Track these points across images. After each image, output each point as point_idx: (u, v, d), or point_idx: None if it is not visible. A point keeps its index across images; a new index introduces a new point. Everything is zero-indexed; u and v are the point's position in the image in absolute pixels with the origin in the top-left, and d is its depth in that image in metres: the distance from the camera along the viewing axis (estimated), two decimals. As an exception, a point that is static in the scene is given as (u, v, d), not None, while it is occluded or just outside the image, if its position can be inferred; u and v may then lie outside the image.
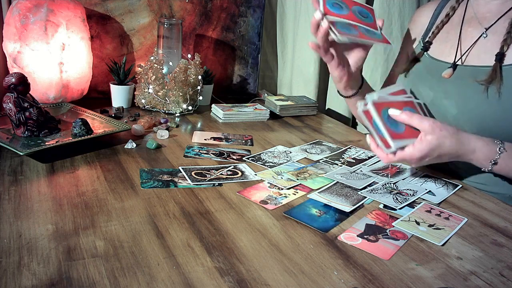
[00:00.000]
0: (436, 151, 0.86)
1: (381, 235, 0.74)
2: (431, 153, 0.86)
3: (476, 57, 1.01)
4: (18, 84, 1.03)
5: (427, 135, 0.85)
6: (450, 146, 0.86)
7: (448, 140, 0.86)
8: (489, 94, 0.94)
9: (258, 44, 1.67)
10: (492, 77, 0.94)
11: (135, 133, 1.16)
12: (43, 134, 1.07)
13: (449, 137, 0.86)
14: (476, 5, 1.06)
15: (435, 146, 0.85)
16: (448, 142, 0.86)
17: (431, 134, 0.85)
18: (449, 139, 0.86)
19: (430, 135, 0.85)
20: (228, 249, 0.68)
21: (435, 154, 0.86)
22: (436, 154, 0.86)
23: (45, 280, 0.58)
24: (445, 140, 0.85)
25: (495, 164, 0.88)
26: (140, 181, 0.89)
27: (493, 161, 0.88)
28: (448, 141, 0.86)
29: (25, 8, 1.23)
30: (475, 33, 1.04)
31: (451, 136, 0.86)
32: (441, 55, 1.07)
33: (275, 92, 1.87)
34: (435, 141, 0.85)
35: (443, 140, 0.85)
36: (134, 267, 0.62)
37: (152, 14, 1.51)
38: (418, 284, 0.62)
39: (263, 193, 0.87)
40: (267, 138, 1.22)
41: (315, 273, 0.63)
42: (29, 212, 0.75)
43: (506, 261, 0.69)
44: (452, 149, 0.87)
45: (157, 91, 1.36)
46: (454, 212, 0.83)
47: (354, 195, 0.88)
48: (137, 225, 0.73)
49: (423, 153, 0.85)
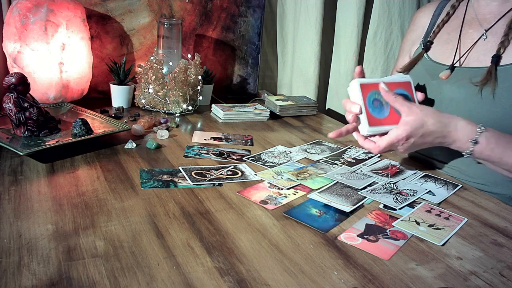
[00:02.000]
0: (419, 129, 0.88)
1: (381, 235, 0.74)
2: (415, 132, 0.88)
3: (475, 59, 1.01)
4: (18, 84, 1.03)
5: (408, 116, 0.88)
6: (432, 124, 0.88)
7: (429, 117, 0.88)
8: (483, 96, 0.95)
9: (258, 44, 1.67)
10: (486, 78, 0.94)
11: (135, 133, 1.16)
12: (43, 134, 1.07)
13: (430, 115, 0.89)
14: (477, 6, 1.06)
15: (418, 124, 0.88)
16: (430, 119, 0.88)
17: (411, 115, 0.88)
18: (430, 117, 0.89)
19: (410, 116, 0.88)
20: (228, 249, 0.68)
21: (419, 133, 0.88)
22: (421, 133, 0.88)
23: (45, 280, 0.58)
24: (426, 119, 0.88)
25: (476, 143, 0.89)
26: (140, 181, 0.89)
27: (474, 140, 0.89)
28: (430, 119, 0.88)
29: (25, 8, 1.23)
30: (475, 35, 1.04)
31: (432, 114, 0.89)
32: (441, 57, 1.07)
33: (275, 92, 1.87)
34: (417, 120, 0.88)
35: (425, 119, 0.88)
36: (134, 267, 0.62)
37: (152, 14, 1.51)
38: (418, 284, 0.62)
39: (263, 193, 0.87)
40: (267, 138, 1.22)
41: (315, 273, 0.63)
42: (29, 212, 0.75)
43: (506, 261, 0.69)
44: (435, 127, 0.89)
45: (157, 91, 1.36)
46: (454, 212, 0.83)
47: (354, 195, 0.88)
48: (137, 225, 0.73)
49: (407, 132, 0.88)
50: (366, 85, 0.92)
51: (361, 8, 1.65)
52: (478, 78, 0.96)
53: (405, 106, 0.89)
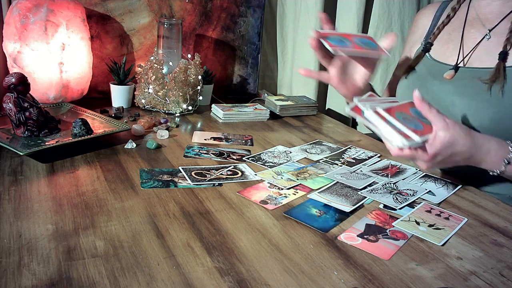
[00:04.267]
0: (449, 149, 0.82)
1: (381, 235, 0.74)
2: (443, 150, 0.82)
3: (478, 59, 1.01)
4: (18, 84, 1.03)
5: (440, 131, 0.81)
6: (463, 145, 0.83)
7: (461, 138, 0.83)
8: (492, 93, 0.94)
9: (258, 44, 1.67)
10: (495, 75, 0.94)
11: (135, 133, 1.16)
12: (43, 134, 1.07)
13: (463, 135, 0.83)
14: (478, 6, 1.06)
15: (448, 143, 0.81)
16: (462, 140, 0.83)
17: (444, 130, 0.81)
18: (463, 138, 0.83)
19: (443, 131, 0.81)
20: (228, 249, 0.68)
21: (448, 152, 0.82)
22: (449, 152, 0.83)
23: (45, 280, 0.58)
24: (458, 138, 0.82)
25: (509, 163, 0.87)
26: (140, 181, 0.89)
27: (507, 161, 0.87)
28: (461, 140, 0.83)
29: (25, 8, 1.23)
30: (477, 35, 1.04)
31: (465, 134, 0.83)
32: (443, 56, 1.07)
33: (275, 92, 1.87)
34: (448, 138, 0.81)
35: (457, 138, 0.82)
36: (134, 267, 0.62)
37: (152, 14, 1.51)
38: (418, 284, 0.62)
39: (263, 193, 0.87)
40: (267, 138, 1.22)
41: (315, 273, 0.63)
42: (29, 212, 0.75)
43: (506, 261, 0.69)
44: (465, 148, 0.83)
45: (157, 91, 1.36)
46: (454, 212, 0.83)
47: (354, 195, 0.88)
48: (137, 225, 0.73)
49: (436, 150, 0.81)
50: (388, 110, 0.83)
51: (361, 8, 1.65)
52: (486, 76, 0.95)
53: (440, 120, 0.81)
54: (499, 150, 0.87)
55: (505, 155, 0.87)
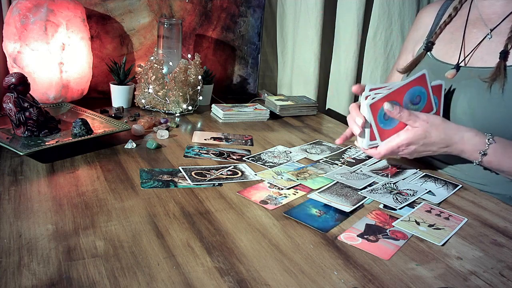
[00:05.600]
0: (421, 139, 0.90)
1: (381, 235, 0.74)
2: (416, 140, 0.90)
3: (480, 59, 1.01)
4: (18, 84, 1.03)
5: (413, 124, 0.90)
6: (437, 136, 0.90)
7: (434, 129, 0.89)
8: (492, 92, 0.94)
9: (258, 44, 1.67)
10: (496, 74, 0.94)
11: (135, 133, 1.16)
12: (43, 134, 1.07)
13: (435, 126, 0.90)
14: (480, 6, 1.06)
15: (420, 135, 0.89)
16: (434, 131, 0.89)
17: (415, 125, 0.90)
18: (435, 128, 0.90)
19: (415, 124, 0.90)
20: (228, 249, 0.68)
21: (420, 142, 0.90)
22: (422, 142, 0.90)
23: (45, 280, 0.58)
24: (430, 129, 0.89)
25: (484, 154, 0.90)
26: (140, 181, 0.89)
27: (483, 152, 0.90)
28: (434, 130, 0.89)
29: (25, 8, 1.23)
30: (479, 35, 1.04)
31: (438, 125, 0.90)
32: (445, 56, 1.07)
33: (275, 92, 1.87)
34: (420, 131, 0.89)
35: (428, 130, 0.89)
36: (134, 267, 0.62)
37: (152, 14, 1.51)
38: (418, 284, 0.62)
39: (263, 193, 0.87)
40: (267, 138, 1.22)
41: (315, 273, 0.63)
42: (29, 212, 0.75)
43: (506, 261, 0.69)
44: (439, 139, 0.90)
45: (157, 91, 1.36)
46: (454, 212, 0.83)
47: (354, 195, 0.88)
48: (137, 225, 0.73)
49: (409, 140, 0.89)
50: (376, 103, 0.91)
51: (361, 8, 1.65)
52: (486, 75, 0.96)
53: (410, 119, 0.90)
54: (473, 140, 0.90)
55: (481, 147, 0.90)
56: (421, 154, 0.94)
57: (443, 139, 0.90)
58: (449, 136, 0.90)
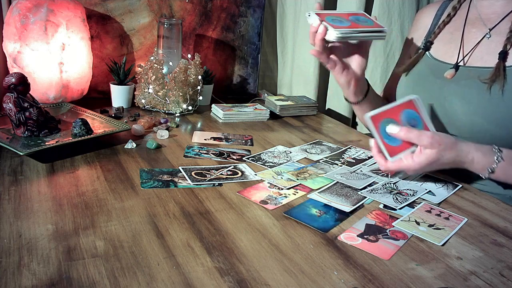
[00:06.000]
0: (434, 163, 0.87)
1: (381, 235, 0.74)
2: (429, 166, 0.88)
3: (479, 58, 1.01)
4: (18, 84, 1.03)
5: (426, 149, 0.86)
6: (449, 158, 0.88)
7: (447, 152, 0.87)
8: (492, 93, 0.94)
9: (258, 44, 1.67)
10: (495, 75, 0.94)
11: (135, 133, 1.16)
12: (43, 134, 1.07)
13: (448, 150, 0.87)
14: (480, 6, 1.06)
15: (434, 159, 0.87)
16: (447, 154, 0.87)
17: (430, 148, 0.86)
18: (448, 152, 0.87)
19: (429, 150, 0.86)
20: (228, 249, 0.68)
21: (434, 166, 0.88)
22: (435, 166, 0.89)
23: (45, 280, 0.58)
24: (444, 154, 0.87)
25: (492, 172, 0.89)
26: (140, 181, 0.89)
27: (490, 170, 0.89)
28: (447, 154, 0.87)
29: (25, 8, 1.23)
30: (478, 34, 1.04)
31: (451, 148, 0.87)
32: (444, 56, 1.07)
33: (275, 92, 1.87)
34: (434, 155, 0.86)
35: (442, 154, 0.87)
36: (134, 267, 0.62)
37: (152, 14, 1.51)
38: (418, 284, 0.62)
39: (263, 193, 0.87)
40: (267, 138, 1.22)
41: (315, 273, 0.63)
42: (29, 212, 0.75)
43: (506, 261, 0.69)
44: (450, 160, 0.88)
45: (157, 91, 1.36)
46: (454, 212, 0.83)
47: (354, 195, 0.88)
48: (137, 225, 0.73)
49: (422, 165, 0.87)
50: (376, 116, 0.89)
51: (361, 8, 1.65)
52: (486, 76, 0.96)
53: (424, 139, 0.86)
54: (483, 160, 0.89)
55: (490, 165, 0.89)
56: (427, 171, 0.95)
57: (453, 162, 0.88)
58: (460, 158, 0.88)
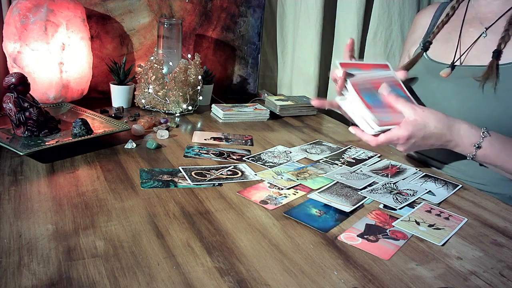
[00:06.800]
0: (421, 130, 0.88)
1: (381, 235, 0.74)
2: (416, 133, 0.88)
3: (476, 57, 1.02)
4: (18, 84, 1.03)
5: (411, 117, 0.88)
6: (435, 127, 0.88)
7: (432, 119, 0.88)
8: (485, 91, 0.95)
9: (258, 44, 1.67)
10: (488, 73, 0.95)
11: (135, 133, 1.16)
12: (43, 134, 1.07)
13: (432, 117, 0.88)
14: (477, 6, 1.07)
15: (420, 125, 0.87)
16: (433, 121, 0.88)
17: (414, 115, 0.88)
18: (433, 119, 0.88)
19: (413, 116, 0.88)
20: (228, 249, 0.68)
21: (420, 134, 0.88)
22: (422, 134, 0.88)
23: (45, 280, 0.58)
24: (429, 120, 0.88)
25: (479, 147, 0.89)
26: (140, 181, 0.89)
27: (477, 145, 0.89)
28: (432, 121, 0.88)
29: (25, 8, 1.23)
30: (475, 33, 1.04)
31: (435, 115, 0.89)
32: (442, 55, 1.08)
33: (275, 92, 1.87)
34: (420, 120, 0.87)
35: (427, 120, 0.88)
36: (134, 267, 0.62)
37: (152, 14, 1.51)
38: (418, 284, 0.62)
39: (263, 193, 0.87)
40: (267, 138, 1.22)
41: (315, 273, 0.63)
42: (29, 212, 0.75)
43: (506, 261, 0.69)
44: (437, 129, 0.88)
45: (157, 91, 1.36)
46: (454, 212, 0.83)
47: (354, 195, 0.88)
48: (137, 225, 0.73)
49: (409, 132, 0.87)
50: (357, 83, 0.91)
51: (361, 8, 1.65)
52: (479, 74, 0.96)
53: (408, 107, 0.89)
54: (469, 132, 0.89)
55: (476, 139, 0.89)
56: (419, 148, 0.92)
57: (441, 130, 0.88)
58: (447, 127, 0.88)
